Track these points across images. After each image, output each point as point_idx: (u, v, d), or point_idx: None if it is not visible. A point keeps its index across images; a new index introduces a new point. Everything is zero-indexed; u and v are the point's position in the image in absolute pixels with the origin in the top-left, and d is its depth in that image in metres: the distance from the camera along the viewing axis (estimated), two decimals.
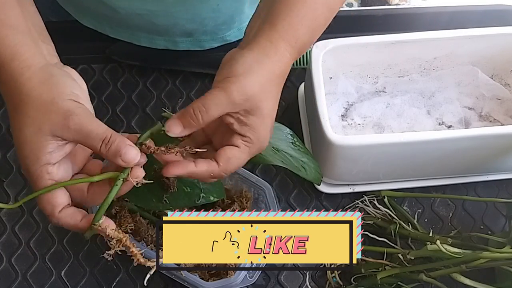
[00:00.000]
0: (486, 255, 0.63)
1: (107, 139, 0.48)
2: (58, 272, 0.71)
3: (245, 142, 0.51)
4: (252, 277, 0.66)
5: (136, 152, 0.49)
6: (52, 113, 0.47)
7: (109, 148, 0.48)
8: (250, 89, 0.50)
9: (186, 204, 0.65)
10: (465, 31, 0.75)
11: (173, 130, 0.50)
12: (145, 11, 0.75)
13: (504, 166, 0.74)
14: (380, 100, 0.79)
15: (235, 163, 0.51)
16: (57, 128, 0.47)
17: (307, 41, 0.55)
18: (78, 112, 0.48)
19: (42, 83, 0.48)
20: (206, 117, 0.49)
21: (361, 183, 0.75)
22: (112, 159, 0.48)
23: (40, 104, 0.47)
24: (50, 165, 0.48)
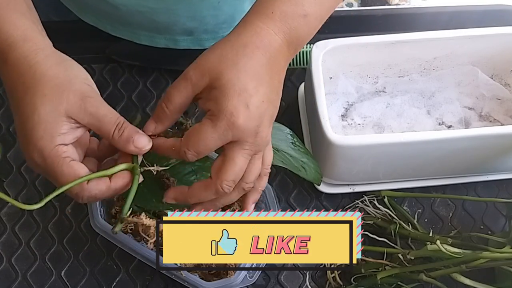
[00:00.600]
0: (486, 255, 0.63)
1: (120, 124, 0.48)
2: (58, 272, 0.71)
3: (207, 116, 0.48)
4: (252, 277, 0.66)
5: (148, 140, 0.50)
6: (70, 93, 0.47)
7: (122, 133, 0.48)
8: (205, 64, 0.48)
9: (186, 204, 0.65)
10: (465, 31, 0.75)
11: (148, 128, 0.51)
12: (146, 8, 0.75)
13: (504, 166, 0.74)
14: (380, 100, 0.79)
15: (194, 136, 0.48)
16: (73, 109, 0.47)
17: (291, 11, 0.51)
18: (94, 95, 0.48)
19: (58, 64, 0.48)
20: (171, 106, 0.49)
21: (361, 183, 0.75)
22: (124, 145, 0.49)
23: (57, 84, 0.47)
24: (64, 145, 0.48)
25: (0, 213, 0.75)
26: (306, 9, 0.52)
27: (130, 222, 0.51)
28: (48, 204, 0.75)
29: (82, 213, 0.74)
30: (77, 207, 0.75)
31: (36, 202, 0.75)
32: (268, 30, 0.50)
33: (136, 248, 0.66)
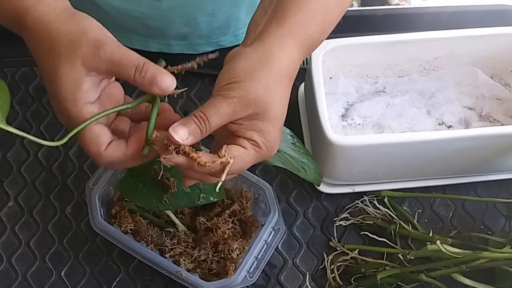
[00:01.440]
0: (486, 255, 0.63)
1: (141, 66, 0.46)
2: (58, 272, 0.71)
3: (253, 145, 0.49)
4: (252, 277, 0.66)
5: (172, 79, 0.48)
6: (83, 44, 0.46)
7: (144, 75, 0.46)
8: (253, 94, 0.47)
9: (186, 204, 0.65)
10: (465, 31, 0.75)
11: (180, 135, 0.47)
12: (139, 13, 0.75)
13: (504, 166, 0.74)
14: (380, 100, 0.79)
15: (240, 163, 0.48)
16: (89, 60, 0.46)
17: (317, 38, 0.54)
18: (108, 41, 0.47)
19: (68, 20, 0.48)
20: (208, 128, 0.48)
21: (361, 183, 0.75)
22: (147, 87, 0.47)
23: (70, 39, 0.47)
24: (90, 104, 0.47)
25: (0, 213, 0.75)
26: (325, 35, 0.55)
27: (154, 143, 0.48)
28: (48, 204, 0.75)
29: (82, 213, 0.74)
30: (77, 207, 0.75)
31: (37, 200, 0.75)
32: (298, 57, 0.52)
33: (136, 248, 0.66)
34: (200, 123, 0.47)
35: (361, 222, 0.73)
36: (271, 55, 0.50)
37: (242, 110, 0.48)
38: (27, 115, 0.81)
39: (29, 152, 0.79)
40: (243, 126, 0.49)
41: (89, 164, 0.77)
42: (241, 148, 0.48)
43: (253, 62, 0.49)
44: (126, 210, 0.69)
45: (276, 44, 0.50)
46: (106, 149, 0.48)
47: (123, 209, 0.70)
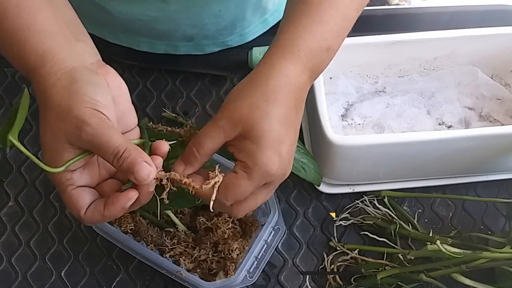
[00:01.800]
0: (486, 255, 0.63)
1: (119, 154, 0.46)
2: (58, 272, 0.71)
3: (241, 167, 0.48)
4: (252, 277, 0.66)
5: (148, 171, 0.46)
6: (67, 121, 0.46)
7: (121, 164, 0.46)
8: (238, 113, 0.47)
9: (186, 204, 0.65)
10: (465, 31, 0.75)
11: (177, 169, 0.49)
12: (146, 16, 0.75)
13: (504, 166, 0.74)
14: (380, 100, 0.79)
15: (233, 189, 0.48)
16: (71, 138, 0.46)
17: (317, 47, 0.51)
18: (92, 122, 0.46)
19: (63, 89, 0.47)
20: (202, 152, 0.49)
21: (361, 183, 0.75)
22: (124, 174, 0.47)
23: (59, 112, 0.47)
24: (69, 172, 0.48)
25: (0, 213, 0.75)
26: (329, 43, 0.52)
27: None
28: (48, 204, 0.75)
29: None
30: None
31: (37, 200, 0.75)
32: (295, 70, 0.50)
33: (136, 248, 0.66)
34: (193, 151, 0.49)
35: (361, 222, 0.73)
36: (260, 73, 0.49)
37: (232, 130, 0.48)
38: (27, 115, 0.81)
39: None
40: (236, 147, 0.49)
41: None
42: (231, 174, 0.48)
43: (243, 84, 0.49)
44: None
45: (266, 62, 0.50)
46: (86, 212, 0.48)
47: None
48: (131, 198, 0.47)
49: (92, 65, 0.50)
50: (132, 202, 0.48)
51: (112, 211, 0.48)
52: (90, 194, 0.49)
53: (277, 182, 0.50)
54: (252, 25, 0.83)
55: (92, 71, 0.49)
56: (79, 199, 0.48)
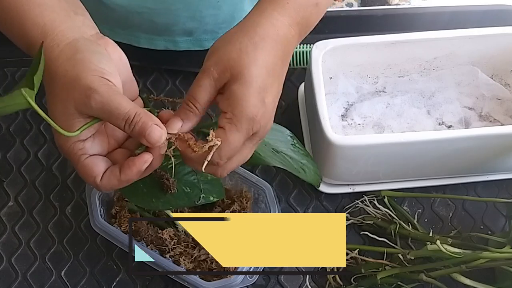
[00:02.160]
0: (486, 255, 0.63)
1: (130, 119, 0.46)
2: (58, 272, 0.71)
3: (228, 119, 0.47)
4: (252, 277, 0.66)
5: (160, 133, 0.47)
6: (75, 90, 0.46)
7: (133, 128, 0.46)
8: (226, 58, 0.47)
9: (186, 204, 0.65)
10: (465, 31, 0.75)
11: (174, 126, 0.49)
12: (144, 9, 0.75)
13: (504, 166, 0.74)
14: (380, 100, 0.79)
15: (224, 146, 0.47)
16: (80, 106, 0.46)
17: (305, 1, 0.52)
18: (101, 89, 0.46)
19: (68, 60, 0.47)
20: (197, 104, 0.48)
21: (361, 183, 0.75)
22: (137, 138, 0.47)
23: (65, 82, 0.47)
24: (81, 141, 0.48)
25: (0, 213, 0.75)
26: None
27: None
28: (48, 204, 0.75)
29: (82, 213, 0.74)
30: (77, 207, 0.75)
31: (37, 200, 0.75)
32: (283, 21, 0.50)
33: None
34: (188, 105, 0.48)
35: (361, 222, 0.73)
36: (248, 21, 0.50)
37: (221, 76, 0.48)
38: (27, 115, 0.81)
39: (29, 152, 0.79)
40: (223, 96, 0.48)
41: None
42: (218, 130, 0.48)
43: (230, 31, 0.50)
44: (126, 210, 0.69)
45: (255, 12, 0.50)
46: (102, 179, 0.49)
47: (123, 209, 0.70)
48: (147, 160, 0.48)
49: (92, 36, 0.51)
50: (147, 164, 0.48)
51: (128, 174, 0.48)
52: (104, 161, 0.49)
53: (261, 134, 0.50)
54: None
55: (93, 42, 0.50)
56: (94, 166, 0.48)
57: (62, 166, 0.78)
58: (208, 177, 0.63)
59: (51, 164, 0.78)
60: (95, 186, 0.50)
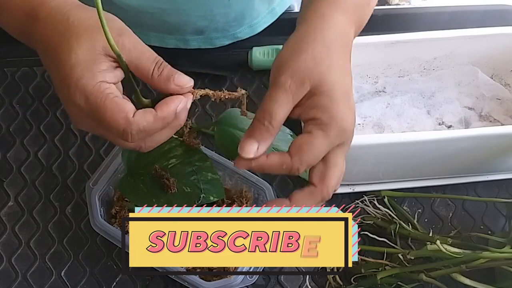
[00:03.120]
0: (486, 255, 0.63)
1: (160, 63, 0.46)
2: (58, 272, 0.71)
3: (316, 125, 0.45)
4: (252, 277, 0.66)
5: (189, 78, 0.46)
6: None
7: (162, 71, 0.45)
8: (304, 68, 0.45)
9: (186, 204, 0.65)
10: (465, 31, 0.75)
11: (250, 150, 0.45)
12: (156, 9, 0.75)
13: (504, 166, 0.74)
14: (380, 100, 0.79)
15: (308, 150, 0.45)
16: None
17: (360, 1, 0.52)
18: (130, 33, 0.46)
19: (88, 9, 0.47)
20: (275, 123, 0.45)
21: (361, 183, 0.75)
22: (164, 83, 0.45)
23: (92, 24, 0.46)
24: (107, 83, 0.45)
25: (0, 213, 0.75)
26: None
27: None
28: (48, 204, 0.75)
29: (82, 213, 0.74)
30: (77, 207, 0.75)
31: (37, 200, 0.75)
32: (344, 21, 0.49)
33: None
34: (264, 124, 0.45)
35: (361, 222, 0.73)
36: (313, 26, 0.48)
37: (300, 89, 0.45)
38: (27, 115, 0.81)
39: (29, 152, 0.79)
40: (306, 106, 0.46)
41: (89, 164, 0.77)
42: (305, 134, 0.45)
43: (295, 39, 0.47)
44: (126, 210, 0.69)
45: (316, 15, 0.49)
46: (134, 115, 0.45)
47: (123, 209, 0.70)
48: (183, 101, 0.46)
49: None
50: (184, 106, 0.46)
51: (166, 111, 0.45)
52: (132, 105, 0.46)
53: (349, 142, 0.47)
54: (261, 15, 0.83)
55: None
56: (124, 103, 0.45)
57: (62, 166, 0.78)
58: (208, 177, 0.63)
59: (51, 164, 0.78)
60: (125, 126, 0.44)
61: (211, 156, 0.67)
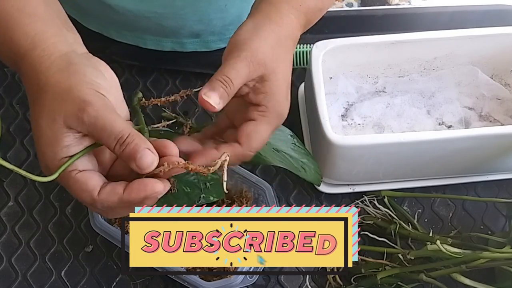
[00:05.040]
0: (486, 255, 0.63)
1: (123, 139, 0.43)
2: (58, 272, 0.71)
3: (260, 112, 0.49)
4: (252, 277, 0.66)
5: (152, 159, 0.43)
6: (68, 102, 0.43)
7: (124, 149, 0.43)
8: (261, 54, 0.48)
9: (185, 204, 0.65)
10: (465, 31, 0.75)
11: (213, 100, 0.46)
12: (153, 13, 0.75)
13: (504, 166, 0.74)
14: (380, 100, 0.79)
15: (256, 137, 0.48)
16: (71, 120, 0.43)
17: (314, 6, 0.54)
18: (96, 103, 0.43)
19: (61, 71, 0.45)
20: (232, 86, 0.46)
21: (361, 183, 0.75)
22: (126, 161, 0.44)
23: (57, 93, 0.44)
24: (69, 157, 0.44)
25: (0, 213, 0.75)
26: (324, 4, 0.56)
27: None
28: (48, 204, 0.75)
29: (82, 213, 0.74)
30: (77, 207, 0.75)
31: (37, 200, 0.75)
32: (296, 23, 0.52)
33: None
34: (226, 86, 0.47)
35: (361, 222, 0.73)
36: (267, 18, 0.50)
37: (256, 69, 0.48)
38: (27, 115, 0.81)
39: (29, 152, 0.79)
40: (255, 89, 0.49)
41: None
42: (251, 122, 0.49)
43: (252, 25, 0.50)
44: None
45: (270, 8, 0.51)
46: (99, 193, 0.44)
47: None
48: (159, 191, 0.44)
49: (83, 54, 0.49)
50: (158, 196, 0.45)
51: (133, 196, 0.44)
52: (99, 176, 0.45)
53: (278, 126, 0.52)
54: None
55: (86, 58, 0.48)
56: (88, 180, 0.44)
57: None
58: (208, 177, 0.63)
59: None
60: (91, 204, 0.45)
61: None
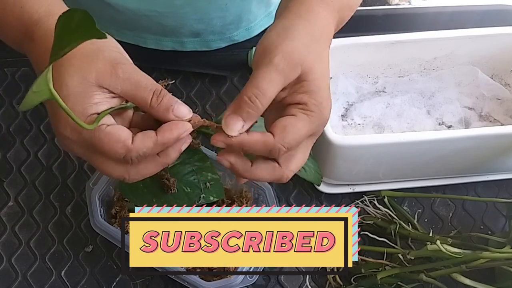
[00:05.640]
0: (486, 255, 0.63)
1: (158, 91, 0.44)
2: (58, 272, 0.71)
3: (301, 109, 0.45)
4: (252, 277, 0.66)
5: (188, 109, 0.44)
6: (99, 61, 0.43)
7: (161, 101, 0.43)
8: (297, 54, 0.45)
9: (186, 204, 0.65)
10: (465, 31, 0.75)
11: (234, 127, 0.44)
12: (153, 12, 0.75)
13: (504, 166, 0.74)
14: (380, 100, 0.79)
15: (292, 132, 0.44)
16: (104, 77, 0.43)
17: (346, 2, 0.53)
18: (126, 62, 0.44)
19: None
20: (264, 100, 0.44)
21: (361, 183, 0.75)
22: (163, 113, 0.44)
23: (85, 54, 0.44)
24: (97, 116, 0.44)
25: (0, 213, 0.75)
26: (354, 1, 0.55)
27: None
28: (48, 204, 0.75)
29: (82, 213, 0.74)
30: (77, 207, 0.75)
31: (37, 200, 0.75)
32: (329, 20, 0.50)
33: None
34: (252, 101, 0.44)
35: (361, 222, 0.73)
36: (301, 17, 0.48)
37: (292, 72, 0.45)
38: (27, 115, 0.81)
39: (29, 152, 0.79)
40: (293, 91, 0.46)
41: (89, 164, 0.77)
42: (290, 117, 0.45)
43: (284, 26, 0.47)
44: (126, 210, 0.69)
45: (300, 7, 0.49)
46: (133, 141, 0.43)
47: (123, 209, 0.70)
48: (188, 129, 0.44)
49: None
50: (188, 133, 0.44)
51: (167, 136, 0.44)
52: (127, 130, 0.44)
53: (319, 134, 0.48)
54: (258, 19, 0.83)
55: None
56: (119, 131, 0.43)
57: (62, 166, 0.78)
58: (208, 177, 0.63)
59: (51, 164, 0.78)
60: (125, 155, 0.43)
61: (211, 156, 0.67)
